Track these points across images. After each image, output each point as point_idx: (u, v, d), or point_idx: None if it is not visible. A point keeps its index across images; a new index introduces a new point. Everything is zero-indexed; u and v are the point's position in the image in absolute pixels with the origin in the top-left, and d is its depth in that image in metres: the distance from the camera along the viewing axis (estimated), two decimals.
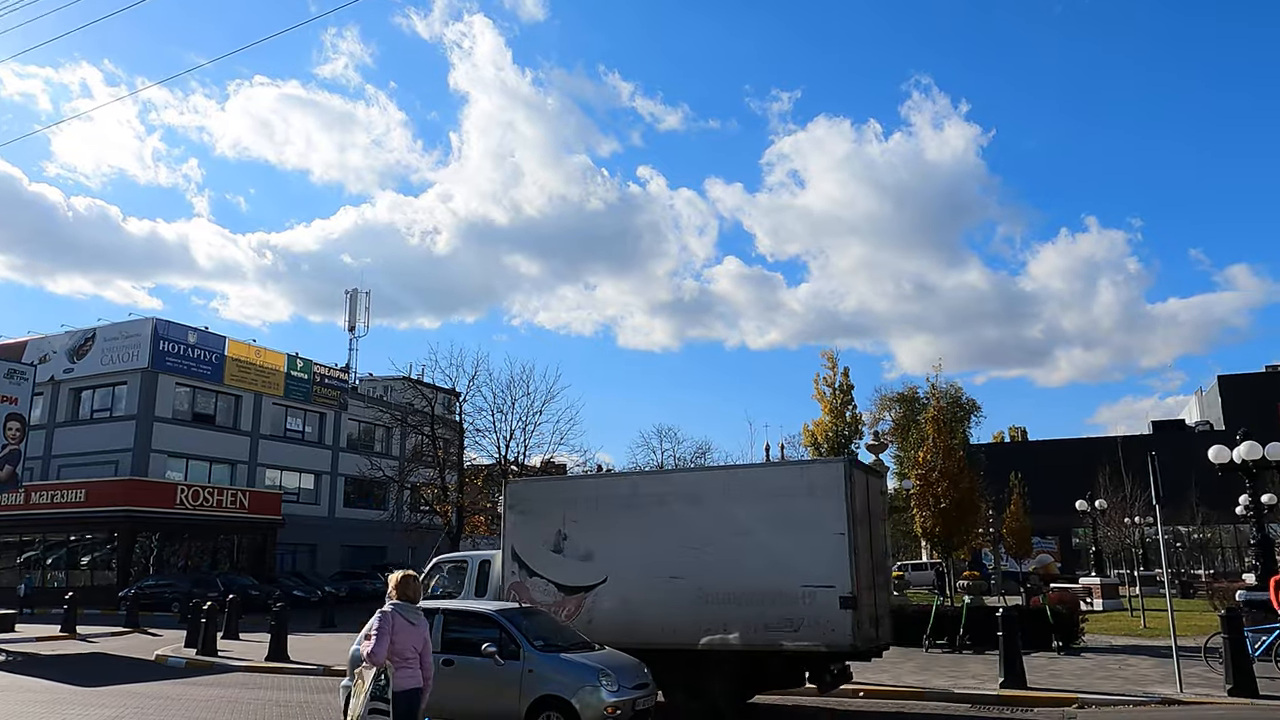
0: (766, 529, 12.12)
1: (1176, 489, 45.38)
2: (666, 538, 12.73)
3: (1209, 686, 13.33)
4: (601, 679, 9.85)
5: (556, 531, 13.55)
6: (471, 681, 10.23)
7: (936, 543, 23.54)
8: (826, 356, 76.94)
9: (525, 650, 10.17)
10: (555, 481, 18.91)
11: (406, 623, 7.27)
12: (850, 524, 11.71)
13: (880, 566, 13.22)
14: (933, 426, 24.81)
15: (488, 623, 10.66)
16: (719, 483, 13.45)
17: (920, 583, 47.92)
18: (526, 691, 9.95)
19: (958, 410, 68.57)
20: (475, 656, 10.17)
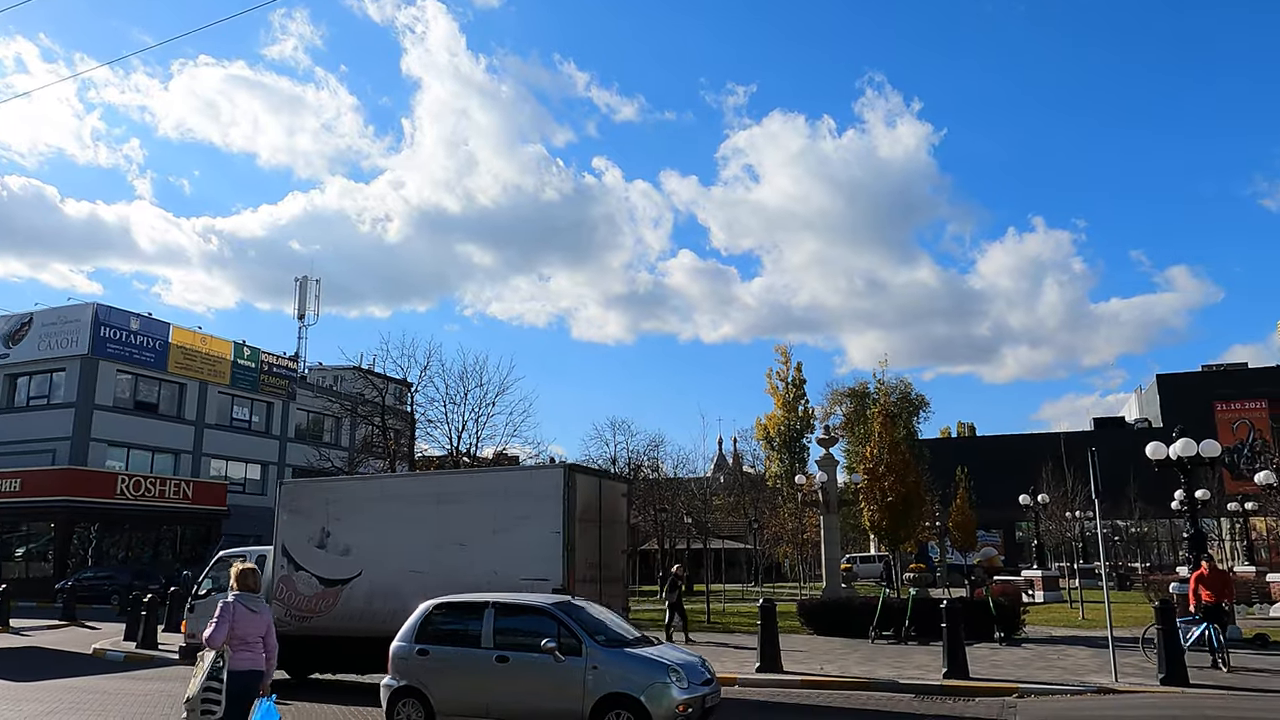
0: (495, 527, 13.34)
1: (1115, 484, 46.68)
2: (412, 534, 13.90)
3: (1143, 676, 13.73)
4: (671, 676, 9.31)
5: (321, 529, 14.60)
6: (529, 680, 9.71)
7: (883, 536, 23.91)
8: (780, 351, 77.87)
9: (588, 646, 9.57)
10: (321, 482, 19.81)
11: (248, 611, 7.71)
12: (566, 524, 12.93)
13: (611, 563, 14.28)
14: (879, 421, 25.14)
15: (543, 616, 10.02)
16: (456, 485, 15.17)
17: (868, 575, 48.60)
18: (591, 690, 9.35)
19: (906, 405, 69.63)
20: (532, 653, 9.64)
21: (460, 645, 10.21)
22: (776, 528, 49.20)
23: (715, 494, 62.27)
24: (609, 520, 14.33)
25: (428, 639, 10.36)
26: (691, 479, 57.18)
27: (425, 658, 10.22)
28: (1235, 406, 66.39)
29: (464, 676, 10.01)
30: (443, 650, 10.23)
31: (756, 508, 54.12)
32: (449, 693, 10.03)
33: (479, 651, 10.01)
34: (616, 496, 14.92)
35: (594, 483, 14.18)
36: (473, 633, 10.18)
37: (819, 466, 25.02)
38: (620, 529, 14.86)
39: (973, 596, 20.78)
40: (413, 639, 10.43)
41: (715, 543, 55.03)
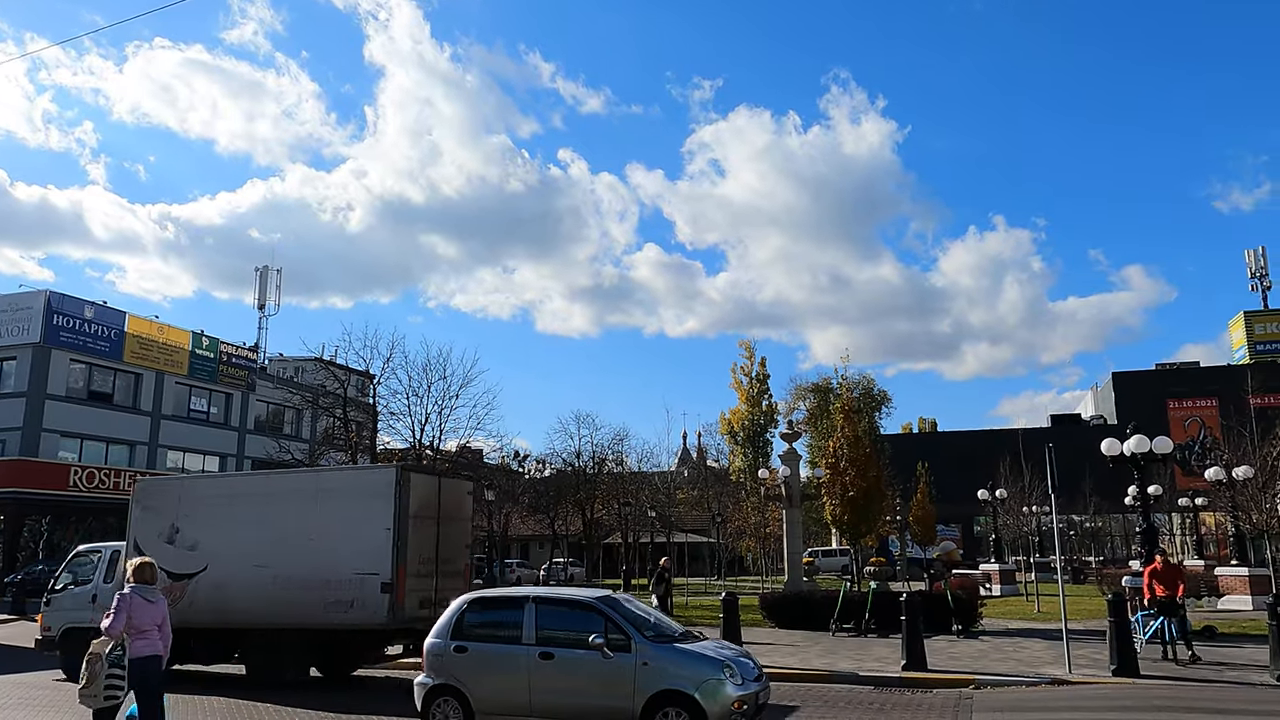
0: (331, 524, 13.87)
1: (1071, 480, 47.32)
2: (255, 530, 14.39)
3: (1096, 667, 14.00)
4: (725, 671, 9.07)
5: (170, 524, 15.02)
6: (575, 677, 9.41)
7: (845, 530, 24.09)
8: (744, 346, 78.15)
9: (637, 642, 9.25)
10: (171, 480, 20.60)
11: (144, 601, 8.19)
12: (397, 522, 13.50)
13: (451, 558, 14.81)
14: (842, 417, 25.34)
15: (588, 612, 9.74)
16: (298, 483, 15.97)
17: (830, 569, 49.13)
18: (642, 687, 9.04)
19: (869, 401, 70.33)
20: (578, 649, 9.35)
21: (500, 642, 9.85)
22: (740, 522, 49.50)
23: (679, 488, 62.42)
24: (450, 517, 14.89)
25: (464, 635, 10.01)
26: (656, 473, 57.31)
27: (463, 655, 9.87)
28: (1187, 404, 67.91)
29: (506, 674, 9.68)
30: (482, 647, 9.89)
31: (720, 502, 54.37)
32: (489, 691, 9.72)
33: (521, 648, 9.64)
34: (460, 495, 15.59)
35: (432, 481, 14.87)
36: (513, 629, 9.83)
37: (782, 461, 25.18)
38: (463, 525, 15.50)
39: (932, 590, 21.05)
40: (448, 635, 10.07)
41: (679, 536, 55.24)
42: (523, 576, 49.09)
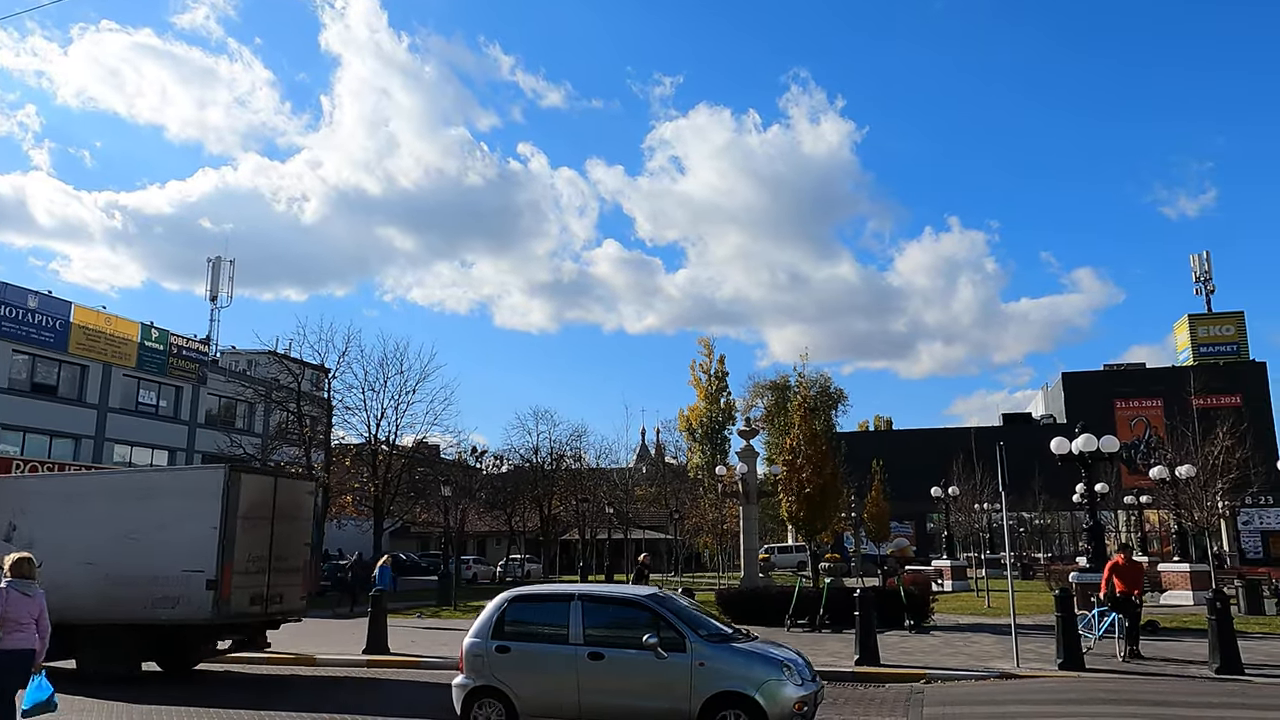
0: (162, 522, 14.27)
1: (1021, 478, 48.18)
2: (89, 529, 14.67)
3: (1043, 661, 14.29)
4: (785, 671, 8.81)
5: (9, 522, 15.14)
6: (627, 679, 9.04)
7: (801, 526, 24.30)
8: (703, 344, 78.56)
9: (692, 641, 8.93)
10: (10, 479, 21.00)
11: (21, 595, 8.29)
12: (224, 521, 13.94)
13: (287, 556, 15.22)
14: (799, 415, 25.55)
15: (638, 609, 9.39)
16: (130, 483, 16.62)
17: (785, 565, 49.53)
18: (699, 688, 8.71)
19: (825, 399, 70.97)
20: (630, 649, 8.97)
21: (545, 642, 9.48)
22: (697, 518, 49.74)
23: (638, 484, 62.56)
24: (286, 516, 15.24)
25: (505, 635, 9.60)
26: (614, 469, 57.37)
27: (506, 655, 9.46)
28: (1133, 404, 69.60)
29: (552, 675, 9.31)
30: (526, 647, 9.50)
31: (678, 498, 54.57)
32: (535, 692, 9.34)
33: (568, 648, 9.27)
34: (299, 495, 16.02)
35: (267, 481, 15.36)
36: (559, 628, 9.46)
37: (739, 458, 25.33)
38: (301, 525, 15.87)
39: (885, 586, 21.33)
40: (489, 635, 9.64)
41: (636, 532, 55.34)
42: (478, 573, 48.79)
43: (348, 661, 16.07)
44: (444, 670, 15.09)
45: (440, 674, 14.70)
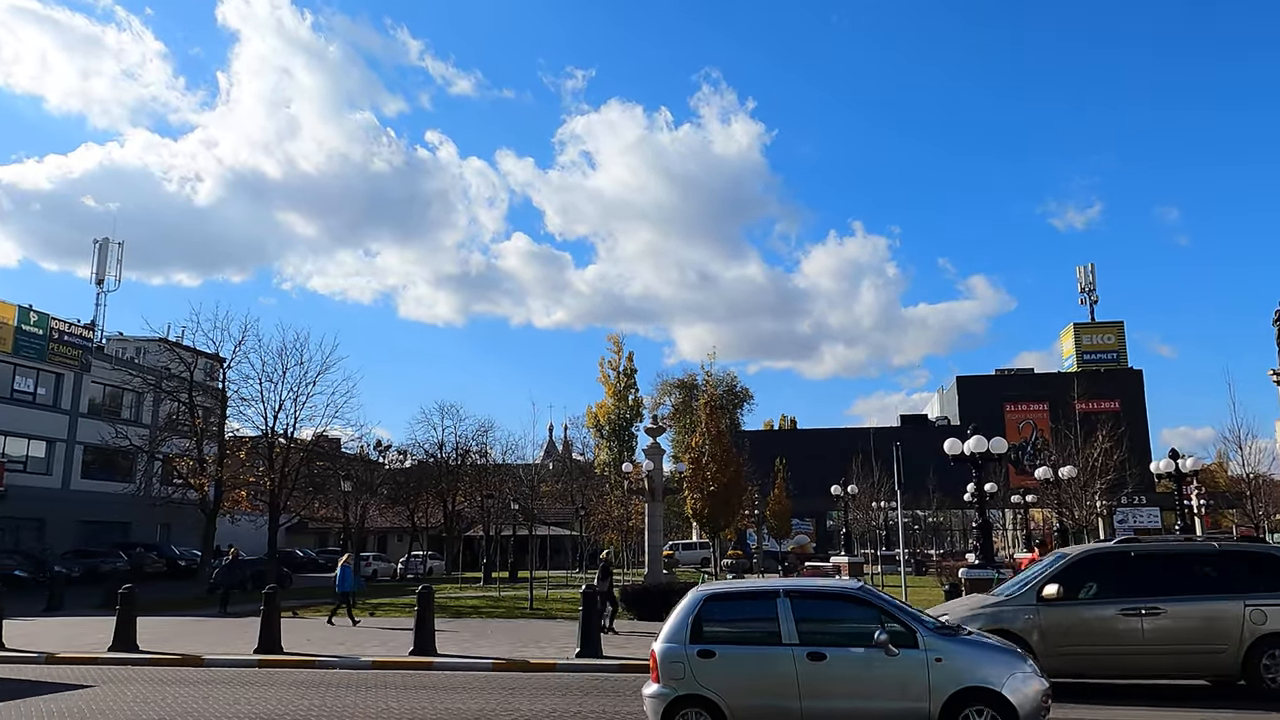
0: None
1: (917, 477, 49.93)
2: None
3: None
4: (1028, 663, 8.42)
5: None
6: (855, 680, 8.33)
7: (705, 523, 24.61)
8: (612, 341, 78.55)
9: (924, 636, 8.34)
10: None
11: None
12: None
13: None
14: (706, 413, 25.84)
15: (855, 603, 8.76)
16: None
17: (689, 561, 50.00)
18: (938, 686, 8.11)
19: (732, 398, 72.04)
20: (852, 647, 8.39)
21: (754, 644, 8.71)
22: (603, 515, 49.80)
23: (544, 481, 62.19)
24: None
25: (707, 638, 8.72)
26: (520, 465, 56.90)
27: (711, 660, 8.57)
28: (1022, 408, 72.83)
29: (767, 680, 8.47)
30: (734, 650, 8.67)
31: (584, 495, 54.50)
32: (749, 699, 8.48)
33: (783, 649, 8.47)
34: None
35: None
36: (767, 628, 8.66)
37: (646, 455, 25.44)
38: None
39: None
40: (686, 639, 8.74)
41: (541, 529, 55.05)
42: (379, 570, 47.77)
43: (238, 662, 15.51)
44: (342, 670, 14.72)
45: (339, 674, 14.34)
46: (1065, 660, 10.97)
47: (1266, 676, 10.61)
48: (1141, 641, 10.86)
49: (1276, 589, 10.89)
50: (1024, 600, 11.42)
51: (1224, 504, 57.78)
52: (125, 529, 44.86)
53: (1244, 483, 43.10)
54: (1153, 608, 10.91)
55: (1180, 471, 26.66)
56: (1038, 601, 11.27)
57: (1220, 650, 10.73)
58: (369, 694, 12.31)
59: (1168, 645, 10.82)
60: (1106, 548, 12.62)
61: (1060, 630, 11.03)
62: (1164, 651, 10.86)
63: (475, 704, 11.46)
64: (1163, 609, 10.89)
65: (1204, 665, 11.00)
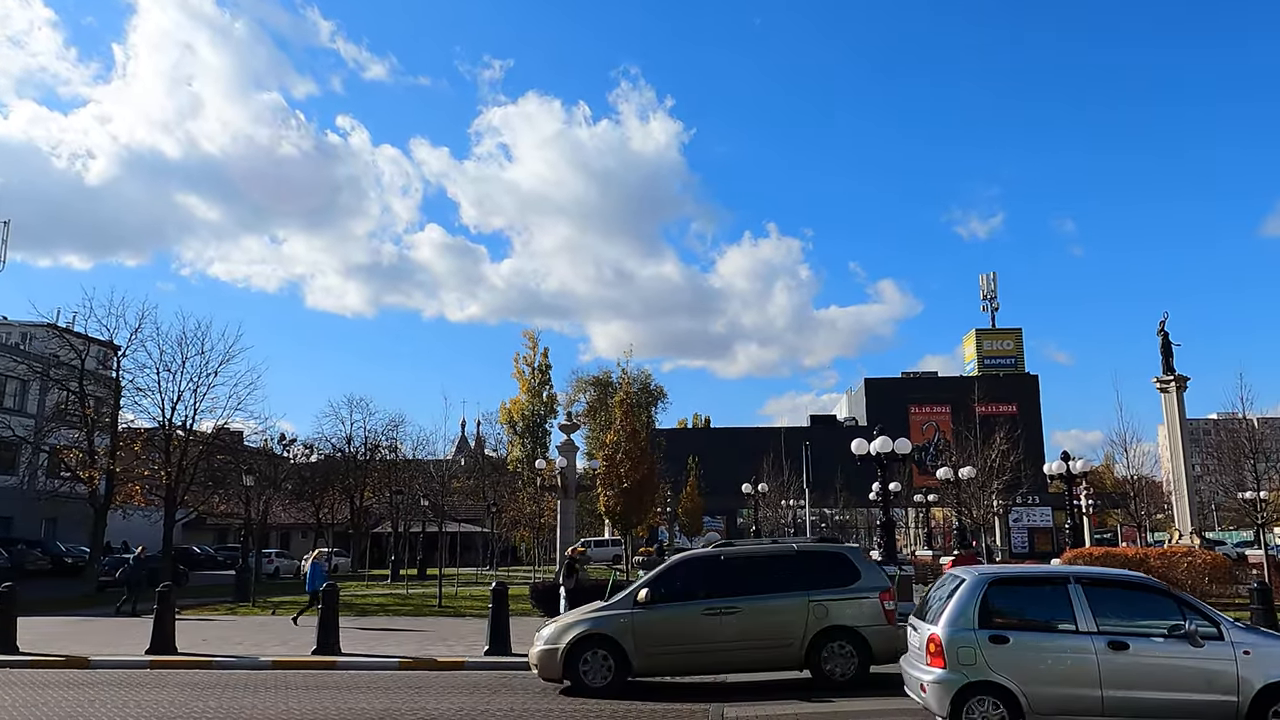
0: None
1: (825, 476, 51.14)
2: None
3: None
4: None
5: None
6: (1161, 671, 8.23)
7: (617, 520, 24.68)
8: (527, 336, 78.37)
9: (1228, 628, 8.28)
10: None
11: None
12: None
13: None
14: (621, 411, 25.92)
15: (1154, 594, 8.67)
16: None
17: (601, 558, 50.03)
18: (1248, 679, 8.06)
19: (647, 396, 72.39)
20: (1154, 638, 8.30)
21: (1048, 631, 8.60)
22: (515, 512, 49.38)
23: (455, 477, 61.37)
24: None
25: (997, 624, 8.57)
26: (431, 461, 56.03)
27: (1004, 646, 8.42)
28: (926, 410, 75.19)
29: (1066, 669, 8.36)
30: (1029, 637, 8.55)
31: (496, 491, 53.97)
32: (1049, 688, 8.33)
33: (1082, 639, 8.37)
34: None
35: None
36: (1059, 615, 8.57)
37: (560, 452, 25.45)
38: None
39: None
40: (974, 623, 8.57)
41: (452, 526, 54.31)
42: (281, 568, 46.38)
43: (128, 663, 14.85)
44: (240, 671, 14.24)
45: (237, 674, 13.87)
46: (656, 660, 11.62)
47: (825, 667, 11.29)
48: (722, 640, 11.42)
49: (842, 585, 11.57)
50: (623, 605, 11.87)
51: (1110, 504, 60.84)
52: (7, 524, 42.43)
53: (1128, 484, 45.48)
54: (731, 607, 11.49)
55: (1071, 473, 27.94)
56: (634, 606, 11.72)
57: (788, 644, 11.37)
58: (269, 695, 11.95)
59: (745, 642, 11.41)
60: (700, 553, 13.19)
61: (650, 632, 11.54)
62: (742, 648, 11.44)
63: (380, 703, 11.25)
64: (740, 608, 11.48)
65: (775, 659, 11.57)
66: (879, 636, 11.35)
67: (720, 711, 10.33)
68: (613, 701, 11.00)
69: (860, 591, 11.58)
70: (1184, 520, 29.56)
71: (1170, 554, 24.14)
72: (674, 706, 10.75)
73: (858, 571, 11.78)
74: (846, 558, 12.03)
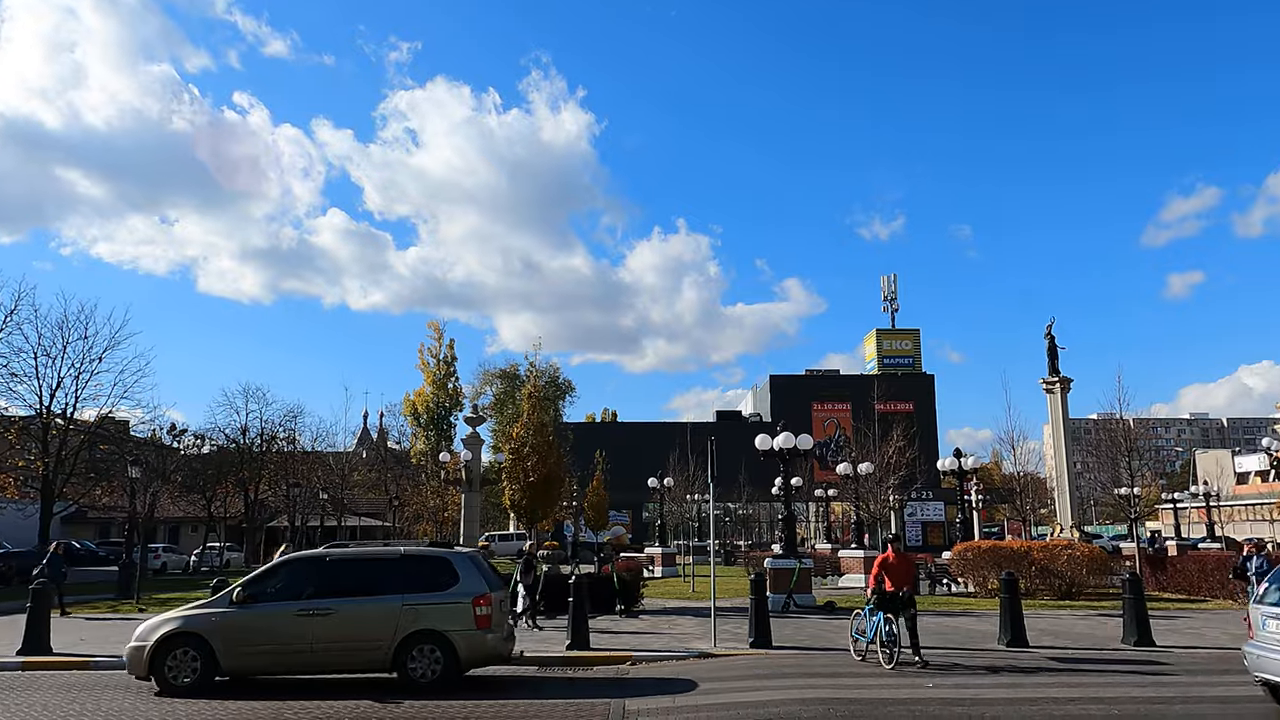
0: None
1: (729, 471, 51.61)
2: None
3: (738, 640, 15.42)
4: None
5: None
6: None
7: (523, 514, 24.50)
8: (433, 327, 76.91)
9: None
10: None
11: None
12: None
13: None
14: (528, 404, 25.75)
15: None
16: None
17: (506, 552, 49.66)
18: None
19: (554, 389, 72.09)
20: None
21: None
22: (418, 505, 48.67)
23: (356, 469, 59.94)
24: None
25: None
26: (330, 453, 54.62)
27: None
28: (828, 407, 77.06)
29: None
30: None
31: (399, 484, 52.97)
32: None
33: None
34: None
35: None
36: None
37: (465, 445, 25.12)
38: None
39: (600, 573, 22.02)
40: None
41: (352, 519, 53.08)
42: (169, 563, 44.52)
43: None
44: (120, 671, 13.58)
45: (116, 675, 13.22)
46: (245, 660, 11.69)
47: (410, 667, 11.48)
48: (312, 641, 11.56)
49: (440, 589, 11.76)
50: (219, 604, 11.95)
51: (998, 499, 63.56)
52: None
53: (1015, 480, 47.57)
54: (324, 609, 11.63)
55: (962, 469, 29.06)
56: (229, 605, 11.81)
57: (377, 646, 11.56)
58: (146, 697, 11.43)
59: (336, 643, 11.59)
60: (306, 554, 13.33)
61: (241, 632, 11.60)
62: (333, 649, 11.62)
63: (272, 703, 10.89)
64: (334, 610, 11.64)
65: (365, 661, 11.74)
66: (466, 640, 11.52)
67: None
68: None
69: (455, 596, 11.66)
70: (1065, 515, 31.11)
71: (1052, 547, 25.38)
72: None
73: (457, 576, 11.85)
74: (449, 562, 12.05)
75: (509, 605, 18.54)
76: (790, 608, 20.86)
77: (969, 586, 25.25)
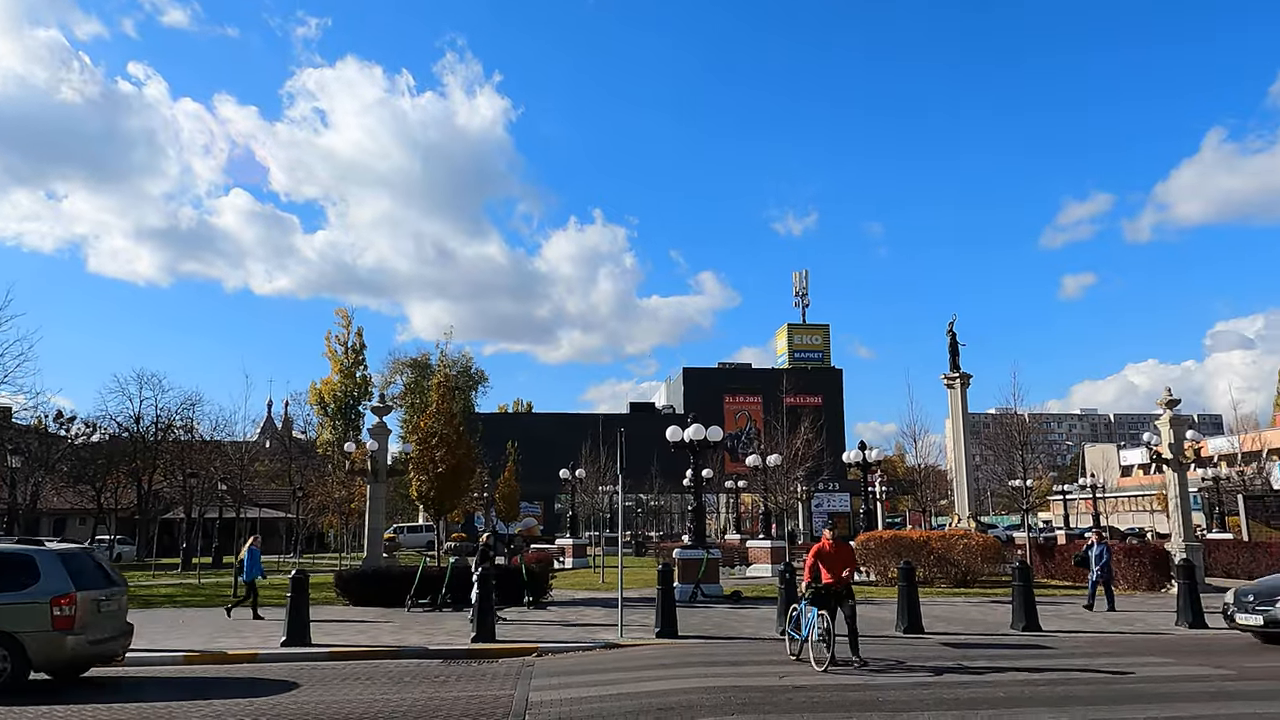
0: None
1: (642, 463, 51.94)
2: None
3: (644, 631, 15.50)
4: None
5: None
6: None
7: (431, 506, 24.11)
8: (341, 314, 74.88)
9: None
10: None
11: None
12: None
13: None
14: (438, 393, 25.38)
15: None
16: None
17: (414, 545, 48.90)
18: None
19: (466, 379, 71.21)
20: None
21: None
22: (323, 496, 47.39)
23: (258, 459, 58.10)
24: None
25: None
26: (230, 442, 52.78)
27: None
28: (739, 399, 78.20)
29: None
30: None
31: (304, 475, 51.56)
32: None
33: None
34: None
35: None
36: None
37: (371, 435, 24.54)
38: None
39: (510, 564, 21.87)
40: None
41: (253, 511, 51.45)
42: None
43: None
44: None
45: None
46: None
47: None
48: None
49: (19, 589, 11.23)
50: None
51: (901, 490, 65.54)
52: None
53: (917, 472, 49.15)
54: None
55: (867, 461, 29.86)
56: None
57: None
58: (26, 697, 10.85)
59: None
60: None
61: None
62: None
63: (161, 704, 10.46)
64: None
65: None
66: (38, 642, 11.05)
67: None
68: None
69: (32, 596, 11.20)
70: (963, 505, 32.27)
71: (949, 537, 26.31)
72: None
73: (38, 575, 11.38)
74: (31, 561, 11.56)
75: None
76: (698, 598, 21.10)
77: (871, 575, 25.98)
